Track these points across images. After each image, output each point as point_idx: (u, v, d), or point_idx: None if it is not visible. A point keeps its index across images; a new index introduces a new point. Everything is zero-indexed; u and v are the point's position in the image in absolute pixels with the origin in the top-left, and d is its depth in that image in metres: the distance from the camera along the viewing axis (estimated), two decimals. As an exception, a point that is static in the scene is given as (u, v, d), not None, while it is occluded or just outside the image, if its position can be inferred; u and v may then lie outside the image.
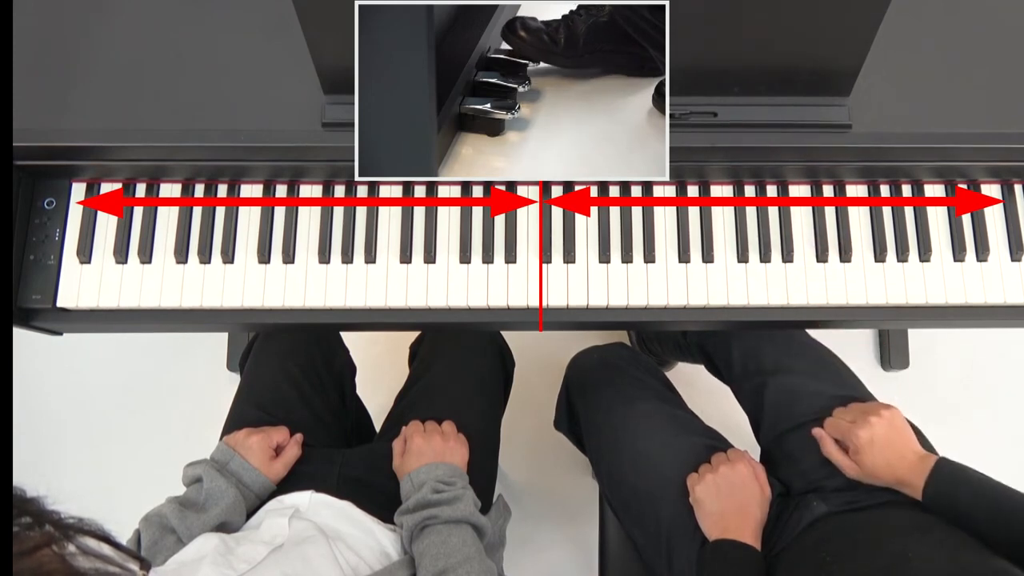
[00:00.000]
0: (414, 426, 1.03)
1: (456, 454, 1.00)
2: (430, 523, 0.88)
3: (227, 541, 0.80)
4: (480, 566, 0.85)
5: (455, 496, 0.91)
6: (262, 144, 0.90)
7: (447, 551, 0.85)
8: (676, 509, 1.00)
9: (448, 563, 0.84)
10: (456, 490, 0.92)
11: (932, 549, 0.80)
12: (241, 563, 0.76)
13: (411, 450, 0.99)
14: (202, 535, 0.82)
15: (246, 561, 0.76)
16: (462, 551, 0.85)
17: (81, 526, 0.52)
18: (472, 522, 0.90)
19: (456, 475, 0.96)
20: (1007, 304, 0.95)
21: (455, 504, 0.90)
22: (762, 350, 1.10)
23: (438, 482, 0.93)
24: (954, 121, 0.91)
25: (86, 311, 0.95)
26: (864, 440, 0.92)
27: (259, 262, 0.95)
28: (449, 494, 0.91)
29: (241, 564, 0.75)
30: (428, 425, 1.03)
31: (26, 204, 0.94)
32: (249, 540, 0.82)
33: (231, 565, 0.75)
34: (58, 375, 1.76)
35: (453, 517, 0.89)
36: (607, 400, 1.11)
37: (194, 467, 0.95)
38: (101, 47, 0.94)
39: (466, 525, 0.89)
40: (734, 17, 0.82)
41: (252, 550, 0.79)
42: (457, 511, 0.89)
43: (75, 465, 1.72)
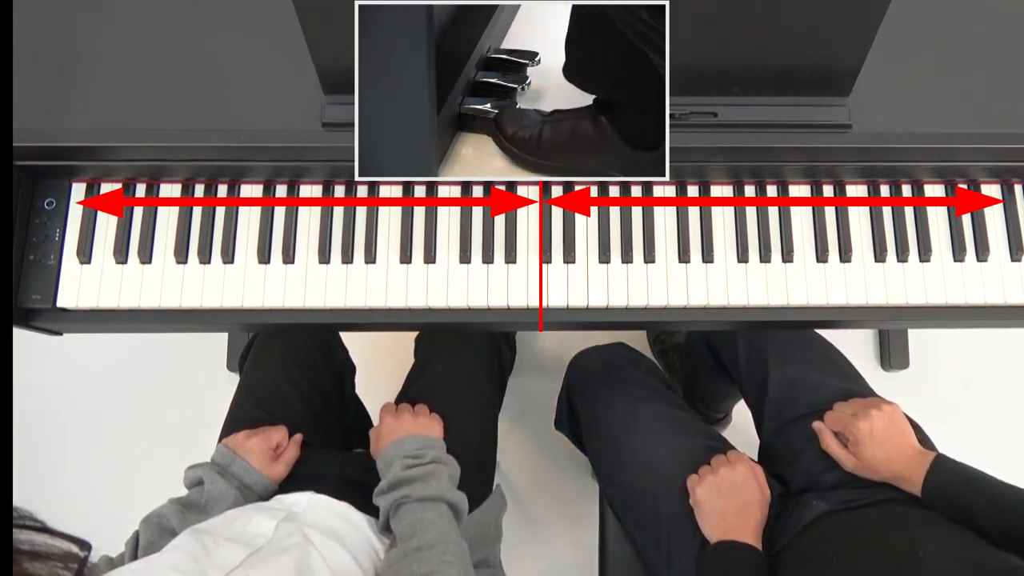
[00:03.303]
0: (386, 410, 1.02)
1: (427, 429, 0.98)
2: (404, 502, 0.86)
3: (205, 543, 0.77)
4: (455, 548, 0.83)
5: (427, 472, 0.89)
6: (262, 144, 0.90)
7: (422, 529, 0.83)
8: (676, 510, 1.00)
9: (423, 541, 0.82)
10: (427, 465, 0.90)
11: (941, 546, 0.80)
12: (214, 570, 0.73)
13: (381, 431, 0.98)
14: (182, 534, 0.80)
15: (220, 568, 0.74)
16: (437, 528, 0.83)
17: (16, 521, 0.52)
18: (446, 499, 0.88)
19: (426, 446, 0.93)
20: (1007, 304, 0.95)
21: (427, 480, 0.88)
22: (767, 344, 1.10)
23: (407, 457, 0.90)
24: (954, 121, 0.91)
25: (86, 311, 0.95)
26: (864, 432, 0.92)
27: (259, 262, 0.95)
28: (421, 470, 0.89)
29: (214, 572, 0.73)
30: (400, 407, 1.02)
31: (26, 204, 0.94)
32: (229, 540, 0.80)
33: (204, 572, 0.72)
34: (58, 375, 1.76)
35: (426, 495, 0.86)
36: (607, 400, 1.11)
37: (195, 469, 0.95)
38: (101, 47, 0.94)
39: (441, 503, 0.87)
40: (734, 17, 0.82)
41: (229, 554, 0.76)
42: (430, 488, 0.87)
43: (75, 465, 1.71)
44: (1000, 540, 0.81)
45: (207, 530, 0.80)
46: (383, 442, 0.96)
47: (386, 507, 0.87)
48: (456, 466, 0.94)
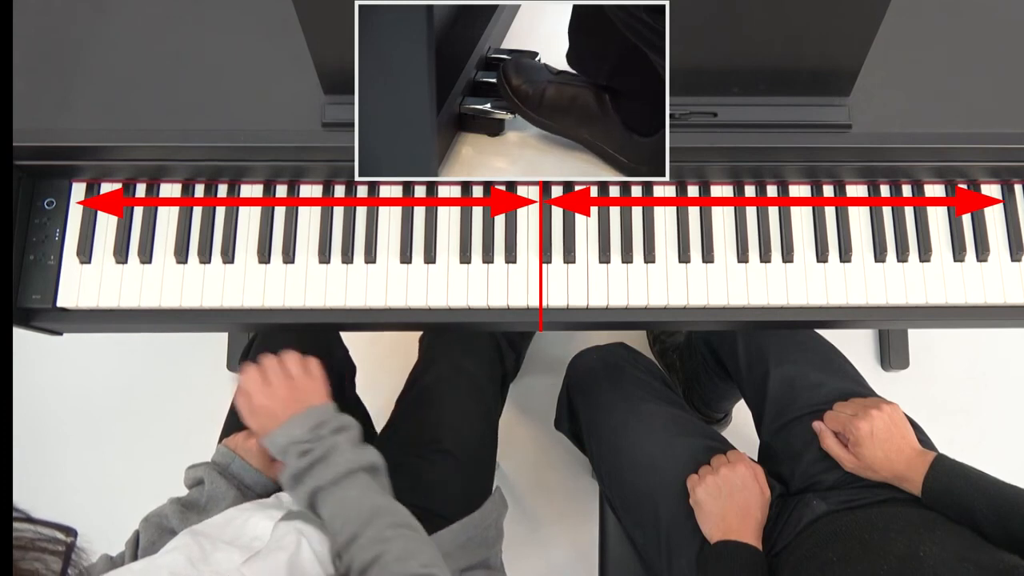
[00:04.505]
0: (251, 379, 0.88)
1: (308, 394, 0.87)
2: (319, 491, 0.80)
3: (203, 545, 0.76)
4: (390, 518, 0.77)
5: (327, 450, 0.81)
6: (262, 144, 0.90)
7: (347, 514, 0.77)
8: (676, 510, 1.00)
9: (356, 528, 0.76)
10: (325, 442, 0.82)
11: (941, 546, 0.80)
12: (211, 574, 0.72)
13: (256, 411, 0.88)
14: (179, 535, 0.79)
15: (216, 572, 0.72)
16: (363, 505, 0.78)
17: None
18: (359, 467, 0.81)
19: (316, 420, 0.83)
20: (1007, 304, 0.95)
21: (331, 459, 0.80)
22: (767, 344, 1.10)
23: (301, 443, 0.82)
24: (954, 121, 0.91)
25: (86, 311, 0.95)
26: (864, 432, 0.92)
27: (259, 262, 0.95)
28: (319, 451, 0.81)
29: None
30: (268, 373, 0.88)
31: (26, 204, 0.94)
32: (227, 543, 0.79)
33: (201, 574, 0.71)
34: (58, 375, 1.76)
35: (337, 475, 0.79)
36: (607, 400, 1.11)
37: (196, 469, 0.95)
38: (101, 47, 0.94)
39: (356, 474, 0.80)
40: (734, 17, 0.82)
41: (226, 557, 0.75)
42: (337, 467, 0.80)
43: (75, 465, 1.71)
44: (1000, 540, 0.81)
45: (205, 532, 0.80)
46: (262, 422, 0.87)
47: (303, 501, 0.81)
48: (354, 423, 0.86)
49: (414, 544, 0.76)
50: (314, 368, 0.90)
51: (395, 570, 0.73)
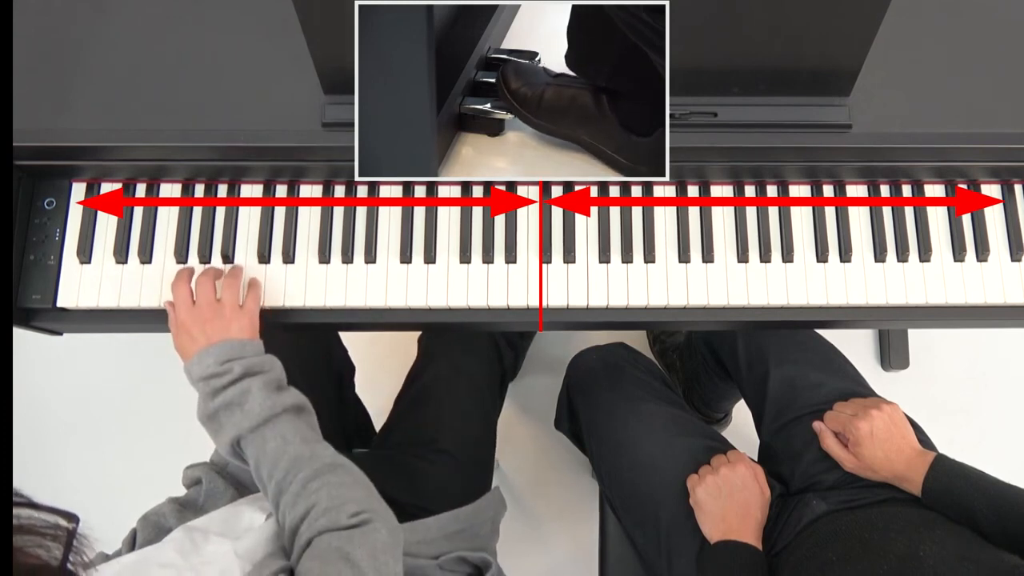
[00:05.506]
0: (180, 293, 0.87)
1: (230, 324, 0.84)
2: (240, 441, 0.78)
3: (195, 538, 0.76)
4: (309, 468, 0.74)
5: (239, 394, 0.78)
6: (262, 144, 0.90)
7: (269, 466, 0.75)
8: (676, 510, 1.00)
9: (280, 482, 0.74)
10: (237, 385, 0.78)
11: (941, 546, 0.80)
12: (201, 563, 0.72)
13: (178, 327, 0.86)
14: (174, 531, 0.79)
15: (207, 561, 0.72)
16: (281, 457, 0.75)
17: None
18: (274, 413, 0.78)
19: (228, 355, 0.80)
20: (1007, 304, 0.95)
21: (245, 406, 0.78)
22: (767, 343, 1.10)
23: (210, 378, 0.79)
24: (954, 121, 0.91)
25: (86, 311, 0.95)
26: (864, 432, 0.92)
27: (259, 262, 0.95)
28: (230, 393, 0.78)
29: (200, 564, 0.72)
30: (198, 291, 0.86)
31: (26, 204, 0.94)
32: (218, 535, 0.79)
33: (192, 567, 0.71)
34: (58, 375, 1.76)
35: (253, 424, 0.77)
36: (607, 400, 1.11)
37: (194, 469, 0.95)
38: (101, 47, 0.94)
39: (276, 420, 0.77)
40: (734, 17, 0.82)
41: (218, 548, 0.75)
42: (252, 415, 0.77)
43: (75, 465, 1.72)
44: (1000, 540, 0.81)
45: (198, 527, 0.80)
46: (181, 340, 0.85)
47: (226, 449, 0.79)
48: (275, 365, 0.83)
49: (340, 490, 0.73)
50: (250, 302, 0.87)
51: (324, 524, 0.71)
